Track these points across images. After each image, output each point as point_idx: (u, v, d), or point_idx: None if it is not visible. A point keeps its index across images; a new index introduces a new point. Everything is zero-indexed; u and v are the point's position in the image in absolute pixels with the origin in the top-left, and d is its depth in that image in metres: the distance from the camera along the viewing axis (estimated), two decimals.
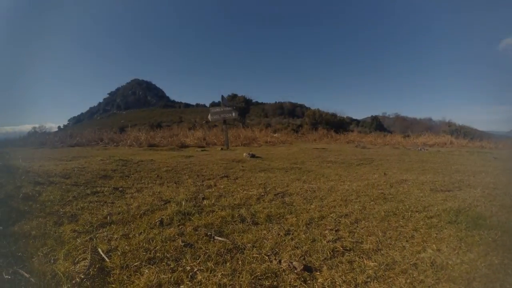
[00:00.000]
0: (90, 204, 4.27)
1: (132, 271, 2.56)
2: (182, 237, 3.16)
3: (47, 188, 4.70)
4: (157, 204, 4.24)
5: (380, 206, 4.08)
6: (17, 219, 3.55)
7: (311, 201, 4.40)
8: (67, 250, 2.88)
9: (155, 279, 2.39)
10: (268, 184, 5.52)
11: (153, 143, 17.05)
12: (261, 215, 3.77)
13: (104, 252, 2.85)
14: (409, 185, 5.26)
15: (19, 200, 4.05)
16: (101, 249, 2.90)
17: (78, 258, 2.74)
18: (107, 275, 2.51)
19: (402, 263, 2.55)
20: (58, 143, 17.79)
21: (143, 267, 2.62)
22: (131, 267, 2.62)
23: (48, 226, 3.41)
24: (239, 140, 18.96)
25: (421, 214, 3.72)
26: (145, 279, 2.39)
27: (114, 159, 7.92)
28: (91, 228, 3.45)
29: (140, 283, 2.35)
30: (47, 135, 22.65)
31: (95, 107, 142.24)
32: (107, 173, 6.15)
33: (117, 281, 2.42)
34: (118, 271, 2.56)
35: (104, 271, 2.57)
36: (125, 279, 2.45)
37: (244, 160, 9.02)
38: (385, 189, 4.99)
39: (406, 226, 3.37)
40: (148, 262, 2.69)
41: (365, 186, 5.26)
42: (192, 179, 6.03)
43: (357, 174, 6.62)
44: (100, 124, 67.79)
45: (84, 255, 2.76)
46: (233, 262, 2.65)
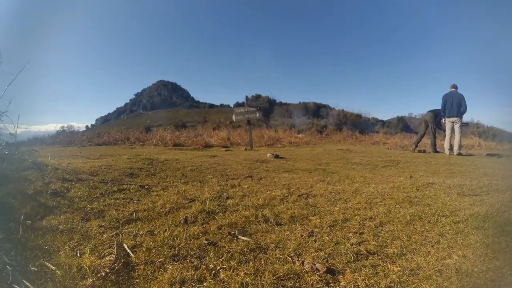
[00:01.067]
0: (116, 201, 4.36)
1: (156, 267, 2.59)
2: (206, 236, 3.17)
3: (75, 184, 4.81)
4: (181, 203, 4.29)
5: (406, 210, 3.98)
6: (45, 214, 3.65)
7: (335, 203, 4.35)
8: (93, 245, 2.95)
9: (179, 275, 2.41)
10: (292, 185, 5.48)
11: (178, 142, 17.24)
12: (285, 216, 3.75)
13: (130, 248, 2.90)
14: (435, 189, 5.12)
15: (48, 196, 4.16)
16: (126, 244, 2.95)
17: (104, 253, 2.80)
18: (131, 270, 2.55)
19: (426, 268, 2.49)
20: (85, 142, 18.24)
21: (167, 263, 2.65)
22: (155, 263, 2.65)
23: (75, 221, 3.50)
24: (263, 140, 18.95)
25: (448, 219, 3.61)
26: (169, 275, 2.41)
27: (140, 157, 8.04)
28: (117, 224, 3.53)
29: (164, 279, 2.38)
30: (75, 134, 23.29)
31: (121, 108, 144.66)
32: (133, 171, 6.26)
33: (141, 276, 2.45)
34: (142, 266, 2.60)
35: (129, 266, 2.62)
36: (149, 275, 2.48)
37: (268, 160, 8.99)
38: (411, 192, 4.87)
39: (431, 231, 3.28)
40: (172, 258, 2.72)
41: (390, 188, 5.15)
42: (216, 178, 6.06)
43: (382, 177, 6.49)
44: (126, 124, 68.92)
45: (110, 250, 2.81)
46: (256, 261, 2.64)
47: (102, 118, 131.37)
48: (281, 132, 23.29)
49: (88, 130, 40.31)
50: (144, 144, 17.67)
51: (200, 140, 18.09)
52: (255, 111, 15.31)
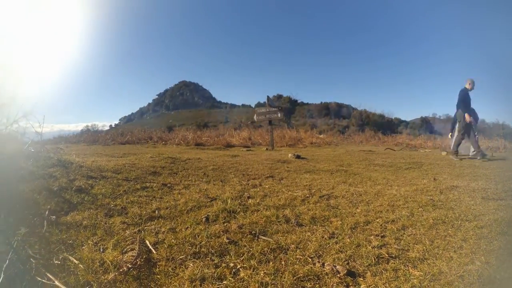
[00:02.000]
0: (139, 198, 4.42)
1: (177, 264, 2.61)
2: (227, 234, 3.18)
3: (99, 182, 4.90)
4: (203, 201, 4.32)
5: (429, 213, 3.89)
6: (70, 209, 3.74)
7: (357, 205, 4.29)
8: (116, 241, 2.99)
9: (199, 273, 2.43)
10: (313, 185, 5.44)
11: (200, 142, 17.36)
12: (306, 217, 3.72)
13: (152, 244, 2.93)
14: (459, 192, 4.99)
15: (72, 192, 4.25)
16: (148, 241, 2.99)
17: (126, 249, 2.84)
18: (153, 266, 2.58)
19: (448, 274, 2.42)
20: (109, 141, 18.59)
21: (188, 260, 2.66)
22: (176, 260, 2.67)
23: (99, 217, 3.56)
24: (284, 140, 18.87)
25: (471, 224, 3.51)
26: (190, 272, 2.43)
27: (163, 156, 8.13)
28: (140, 221, 3.58)
29: (184, 276, 2.39)
30: (99, 133, 23.78)
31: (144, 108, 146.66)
32: (156, 170, 6.33)
33: (162, 272, 2.48)
34: (164, 263, 2.63)
35: (151, 262, 2.65)
36: (170, 271, 2.50)
37: (289, 160, 8.95)
38: (435, 196, 4.76)
39: (454, 236, 3.19)
40: (193, 256, 2.74)
41: (413, 191, 5.05)
42: (237, 178, 6.07)
43: (405, 179, 6.37)
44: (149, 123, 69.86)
45: (132, 246, 2.85)
46: (276, 262, 2.63)
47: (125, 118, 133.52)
48: (303, 132, 23.08)
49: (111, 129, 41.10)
50: (166, 143, 17.87)
51: (222, 140, 18.16)
52: (276, 111, 15.27)
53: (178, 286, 2.30)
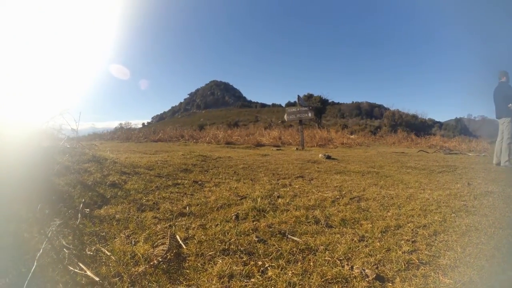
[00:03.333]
0: (171, 194, 4.49)
1: (206, 260, 2.64)
2: (256, 233, 3.18)
3: (132, 177, 5.01)
4: (233, 199, 4.34)
5: (462, 220, 3.75)
6: (103, 203, 3.85)
7: (388, 208, 4.19)
8: (147, 235, 3.05)
9: (228, 269, 2.44)
10: (343, 187, 5.36)
11: (230, 141, 17.49)
12: (336, 219, 3.66)
13: (182, 240, 2.97)
14: (494, 198, 4.79)
15: (106, 187, 4.37)
16: (179, 236, 3.03)
17: (157, 243, 2.89)
18: (182, 261, 2.61)
19: (479, 283, 2.32)
20: (142, 138, 19.05)
21: (217, 257, 2.69)
22: (205, 255, 2.70)
23: (131, 212, 3.65)
24: (315, 140, 18.70)
25: (505, 232, 3.35)
26: (218, 269, 2.45)
27: (194, 154, 8.23)
28: (171, 216, 3.64)
29: (213, 272, 2.41)
30: (132, 130, 24.37)
31: (176, 107, 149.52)
32: (187, 167, 6.41)
33: (191, 268, 2.51)
34: (193, 258, 2.66)
35: (180, 257, 2.69)
36: (199, 266, 2.53)
37: (319, 161, 8.86)
38: (468, 201, 4.59)
39: (487, 244, 3.05)
40: (222, 253, 2.76)
41: (446, 196, 4.88)
42: (267, 177, 6.06)
43: (438, 183, 6.17)
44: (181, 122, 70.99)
45: (163, 240, 2.90)
46: (305, 262, 2.60)
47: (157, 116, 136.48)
48: (333, 132, 22.81)
49: (144, 127, 42.09)
50: (197, 142, 18.11)
51: (252, 139, 18.20)
52: (307, 111, 15.15)
53: (206, 281, 2.32)
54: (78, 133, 6.27)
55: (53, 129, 5.88)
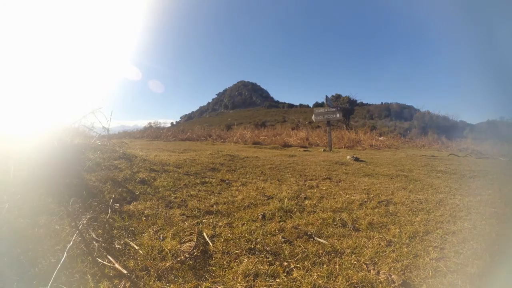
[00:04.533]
0: (198, 192, 4.54)
1: (232, 258, 2.66)
2: (282, 233, 3.18)
3: (161, 175, 5.10)
4: (260, 199, 4.34)
5: (492, 227, 3.61)
6: (132, 199, 3.93)
7: (416, 213, 4.09)
8: (175, 231, 3.10)
9: (253, 268, 2.45)
10: (371, 190, 5.27)
11: (258, 141, 17.52)
12: (363, 222, 3.60)
13: (209, 237, 3.01)
14: None
15: (136, 184, 4.47)
16: (206, 233, 3.07)
17: (184, 239, 2.94)
18: (209, 258, 2.65)
19: None
20: (170, 137, 19.35)
21: (243, 255, 2.71)
22: (231, 254, 2.72)
23: (159, 208, 3.71)
24: (342, 142, 18.46)
25: None
26: (244, 267, 2.46)
27: (222, 154, 8.29)
28: (199, 214, 3.69)
29: (239, 270, 2.43)
30: (161, 129, 24.85)
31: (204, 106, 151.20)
32: (215, 166, 6.47)
33: (217, 265, 2.54)
34: (219, 255, 2.69)
35: (207, 254, 2.72)
36: (225, 264, 2.56)
37: (347, 163, 8.73)
38: (499, 208, 4.42)
39: None
40: (248, 252, 2.78)
41: (477, 202, 4.72)
42: (294, 178, 6.02)
43: (469, 188, 5.97)
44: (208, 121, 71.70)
45: (190, 237, 2.94)
46: (330, 265, 2.58)
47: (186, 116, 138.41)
48: (362, 134, 22.37)
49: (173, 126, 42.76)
50: (225, 141, 18.24)
51: (279, 139, 18.16)
52: (335, 112, 14.96)
53: (231, 279, 2.34)
54: (109, 131, 6.44)
55: (85, 127, 6.09)
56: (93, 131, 6.23)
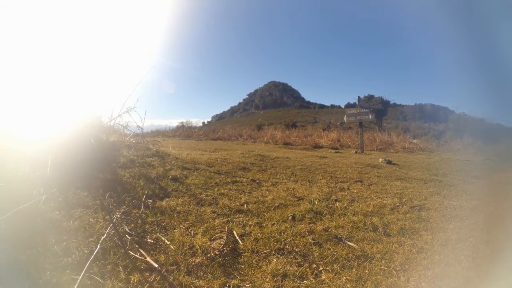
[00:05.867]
0: (229, 191, 4.59)
1: (261, 257, 2.68)
2: (312, 235, 3.16)
3: (192, 173, 5.18)
4: (290, 200, 4.33)
5: None
6: (165, 196, 4.02)
7: (450, 220, 3.96)
8: (206, 228, 3.15)
9: (282, 269, 2.46)
10: (404, 194, 5.14)
11: (288, 141, 17.44)
12: (394, 227, 3.52)
13: (239, 235, 3.04)
14: None
15: (168, 181, 4.55)
16: (236, 232, 3.10)
17: (214, 236, 2.98)
18: (238, 256, 2.68)
19: None
20: (202, 136, 19.61)
21: (272, 255, 2.72)
22: (261, 253, 2.74)
23: (191, 205, 3.78)
24: (375, 144, 18.10)
25: None
26: (272, 267, 2.47)
27: (253, 153, 8.32)
28: (229, 212, 3.73)
29: (267, 270, 2.45)
30: (192, 129, 25.23)
31: (235, 107, 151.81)
32: (246, 166, 6.51)
33: (246, 263, 2.56)
34: (248, 254, 2.71)
35: (236, 252, 2.75)
36: (253, 263, 2.57)
37: (379, 165, 8.56)
38: None
39: None
40: (277, 252, 2.79)
41: None
42: (325, 180, 5.97)
43: (506, 195, 5.77)
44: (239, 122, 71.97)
45: (220, 235, 2.98)
46: (360, 269, 2.55)
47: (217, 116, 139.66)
48: (394, 136, 21.84)
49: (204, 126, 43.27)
50: (255, 141, 18.28)
51: (310, 140, 18.02)
52: (367, 113, 14.64)
53: (260, 278, 2.35)
54: (143, 130, 6.62)
55: (120, 125, 6.27)
56: (127, 129, 6.42)
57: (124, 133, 6.50)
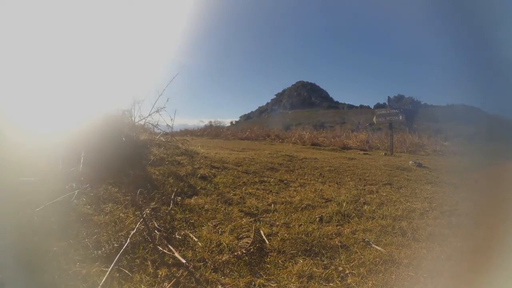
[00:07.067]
0: (257, 191, 4.61)
1: (287, 258, 2.69)
2: (339, 238, 3.14)
3: (221, 172, 5.23)
4: (318, 201, 4.31)
5: None
6: (193, 194, 4.08)
7: (481, 227, 3.86)
8: (233, 226, 3.18)
9: (308, 270, 2.47)
10: (434, 199, 4.99)
11: (316, 142, 17.29)
12: (423, 232, 3.43)
13: (265, 235, 3.05)
14: None
15: (197, 179, 4.62)
16: (263, 231, 3.11)
17: (242, 235, 3.01)
18: (264, 256, 2.69)
19: None
20: (230, 136, 19.74)
21: (298, 256, 2.72)
22: (287, 253, 2.75)
23: (219, 204, 3.82)
24: (404, 146, 17.65)
25: None
26: (298, 268, 2.48)
27: (280, 154, 8.31)
28: (256, 211, 3.74)
29: (293, 270, 2.45)
30: (220, 128, 25.47)
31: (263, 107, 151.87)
32: (273, 166, 6.50)
33: (272, 263, 2.57)
34: (275, 254, 2.72)
35: (263, 251, 2.76)
36: (279, 263, 2.58)
37: (409, 168, 8.35)
38: None
39: None
40: (303, 253, 2.79)
41: None
42: (353, 182, 5.89)
43: None
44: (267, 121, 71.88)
45: (248, 234, 3.01)
46: (386, 274, 2.51)
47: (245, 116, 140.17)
48: (425, 138, 21.32)
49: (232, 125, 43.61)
50: (283, 142, 18.23)
51: (338, 141, 17.81)
52: (397, 114, 14.24)
53: (285, 278, 2.36)
54: (172, 129, 6.75)
55: (151, 124, 6.43)
56: (157, 128, 6.56)
57: (154, 132, 6.65)
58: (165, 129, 6.65)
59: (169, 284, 2.15)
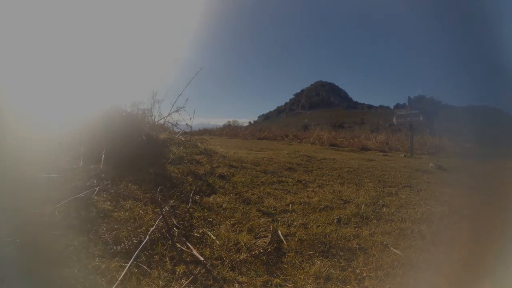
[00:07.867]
0: (275, 191, 4.61)
1: (305, 258, 2.68)
2: (357, 240, 3.11)
3: (239, 171, 5.26)
4: (336, 202, 4.29)
5: None
6: (212, 192, 4.11)
7: (503, 233, 3.77)
8: (251, 226, 3.19)
9: (325, 271, 2.45)
10: (454, 202, 4.95)
11: (335, 142, 17.20)
12: (443, 237, 3.40)
13: (283, 235, 3.05)
14: None
15: (215, 178, 4.65)
16: (280, 231, 3.11)
17: (259, 235, 3.02)
18: (282, 256, 2.69)
19: None
20: (248, 136, 19.83)
21: (315, 257, 2.71)
22: (304, 254, 2.74)
23: (237, 203, 3.83)
24: (425, 147, 17.34)
25: None
26: (316, 269, 2.47)
27: (299, 154, 8.30)
28: (274, 211, 3.74)
29: (310, 271, 2.44)
30: (239, 128, 25.61)
31: (281, 107, 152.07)
32: (292, 166, 6.50)
33: (289, 263, 2.57)
34: (292, 254, 2.72)
35: (280, 251, 2.76)
36: (297, 264, 2.58)
37: (429, 171, 8.20)
38: None
39: None
40: (321, 254, 2.77)
41: None
42: (372, 183, 5.82)
43: None
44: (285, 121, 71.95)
45: (265, 233, 3.02)
46: (404, 278, 2.47)
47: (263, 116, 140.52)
48: (446, 139, 20.94)
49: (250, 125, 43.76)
50: (301, 142, 18.21)
51: (357, 142, 17.72)
52: (418, 114, 13.97)
53: (302, 279, 2.36)
54: (191, 128, 6.84)
55: (170, 123, 6.53)
56: (177, 127, 6.65)
57: (174, 131, 6.73)
58: (185, 128, 6.74)
59: (187, 281, 2.18)
